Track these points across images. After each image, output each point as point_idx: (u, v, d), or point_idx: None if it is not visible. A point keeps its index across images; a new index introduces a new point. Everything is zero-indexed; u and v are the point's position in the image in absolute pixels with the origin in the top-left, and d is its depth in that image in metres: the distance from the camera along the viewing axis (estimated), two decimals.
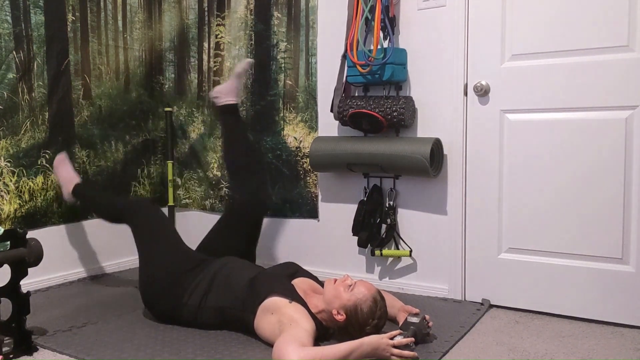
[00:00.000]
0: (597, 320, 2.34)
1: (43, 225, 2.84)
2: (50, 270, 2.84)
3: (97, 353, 2.01)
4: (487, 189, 2.54)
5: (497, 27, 2.48)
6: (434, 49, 2.62)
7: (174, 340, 2.13)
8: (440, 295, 2.67)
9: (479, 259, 2.58)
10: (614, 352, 2.04)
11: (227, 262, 2.33)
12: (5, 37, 2.67)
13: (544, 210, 2.42)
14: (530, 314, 2.46)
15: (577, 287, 2.37)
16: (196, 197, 3.43)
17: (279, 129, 3.09)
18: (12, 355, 2.01)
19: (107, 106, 3.14)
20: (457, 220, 2.61)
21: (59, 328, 2.26)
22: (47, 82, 2.84)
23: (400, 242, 2.75)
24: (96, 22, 3.07)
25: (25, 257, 2.05)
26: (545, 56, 2.39)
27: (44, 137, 2.84)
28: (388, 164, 2.59)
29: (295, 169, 3.06)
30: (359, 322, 1.96)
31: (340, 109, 2.70)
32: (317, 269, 2.91)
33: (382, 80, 2.59)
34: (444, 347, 2.05)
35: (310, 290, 2.17)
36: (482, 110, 2.53)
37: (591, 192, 2.33)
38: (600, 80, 2.29)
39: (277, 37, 3.05)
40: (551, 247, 2.42)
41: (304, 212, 3.05)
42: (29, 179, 2.78)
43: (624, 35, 2.23)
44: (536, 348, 2.08)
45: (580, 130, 2.34)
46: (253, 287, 2.13)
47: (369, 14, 2.61)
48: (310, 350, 1.78)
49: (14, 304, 2.04)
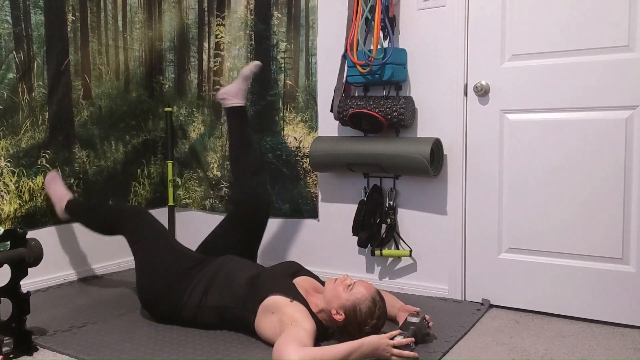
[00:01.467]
0: (597, 320, 2.34)
1: (43, 225, 2.84)
2: (50, 270, 2.85)
3: (97, 353, 2.01)
4: (487, 189, 2.54)
5: (497, 27, 2.48)
6: (434, 49, 2.62)
7: (174, 340, 2.13)
8: (440, 295, 2.67)
9: (479, 259, 2.58)
10: (614, 352, 2.04)
11: (226, 261, 2.33)
12: (5, 37, 2.67)
13: (544, 210, 2.42)
14: (530, 314, 2.46)
15: (577, 287, 2.37)
16: (196, 197, 3.43)
17: (279, 129, 3.09)
18: (12, 355, 2.01)
19: (107, 106, 3.14)
20: (457, 220, 2.61)
21: (59, 328, 2.26)
22: (47, 82, 2.84)
23: (400, 242, 2.75)
24: (96, 22, 3.07)
25: (25, 257, 2.05)
26: (545, 56, 2.39)
27: (44, 137, 2.84)
28: (388, 164, 2.59)
29: (295, 169, 3.06)
30: (358, 322, 1.96)
31: (340, 109, 2.70)
32: (317, 269, 2.91)
33: (382, 80, 2.59)
34: (444, 347, 2.05)
35: (312, 289, 2.17)
36: (482, 110, 2.53)
37: (591, 192, 2.33)
38: (600, 80, 2.29)
39: (277, 37, 3.05)
40: (551, 247, 2.42)
41: (304, 212, 3.05)
42: (29, 179, 2.78)
43: (624, 35, 2.23)
44: (536, 348, 2.08)
45: (580, 130, 2.34)
46: (254, 286, 2.13)
47: (369, 14, 2.61)
48: (311, 350, 1.78)
49: (14, 304, 2.04)
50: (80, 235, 3.02)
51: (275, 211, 3.12)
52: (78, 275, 3.00)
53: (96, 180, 3.08)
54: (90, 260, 3.07)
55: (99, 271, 3.10)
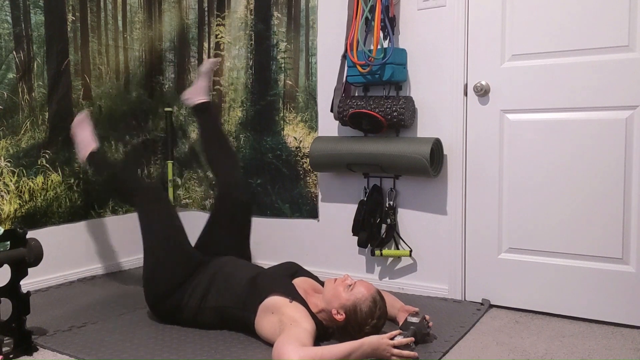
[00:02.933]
0: (597, 320, 2.34)
1: (43, 225, 2.84)
2: (50, 270, 2.84)
3: (97, 353, 2.01)
4: (487, 189, 2.54)
5: (497, 27, 2.48)
6: (434, 49, 2.62)
7: (174, 340, 2.13)
8: (440, 295, 2.67)
9: (479, 259, 2.58)
10: (614, 352, 2.04)
11: (226, 261, 2.33)
12: (5, 37, 2.67)
13: (544, 210, 2.42)
14: (530, 314, 2.46)
15: (577, 287, 2.37)
16: (196, 197, 3.43)
17: (279, 129, 3.09)
18: (12, 355, 2.01)
19: (107, 106, 3.14)
20: (457, 220, 2.61)
21: (59, 328, 2.26)
22: (47, 82, 2.84)
23: (400, 242, 2.75)
24: (96, 22, 3.07)
25: (25, 257, 2.05)
26: (545, 56, 2.39)
27: (44, 137, 2.84)
28: (388, 164, 2.59)
29: (295, 169, 3.06)
30: (358, 322, 1.96)
31: (340, 109, 2.70)
32: (317, 269, 2.92)
33: (382, 80, 2.59)
34: (444, 347, 2.05)
35: (311, 290, 2.17)
36: (482, 110, 2.53)
37: (591, 192, 2.33)
38: (600, 80, 2.29)
39: (277, 37, 3.05)
40: (551, 247, 2.42)
41: (304, 212, 3.05)
42: (29, 179, 2.78)
43: (624, 35, 2.23)
44: (536, 348, 2.08)
45: (580, 130, 2.34)
46: (253, 287, 2.13)
47: (369, 14, 2.61)
48: (310, 350, 1.78)
49: (14, 304, 2.04)
50: (80, 236, 3.02)
51: (275, 211, 3.12)
52: (78, 275, 3.00)
53: (96, 180, 3.08)
54: (91, 260, 3.07)
55: (99, 271, 3.10)
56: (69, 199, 2.95)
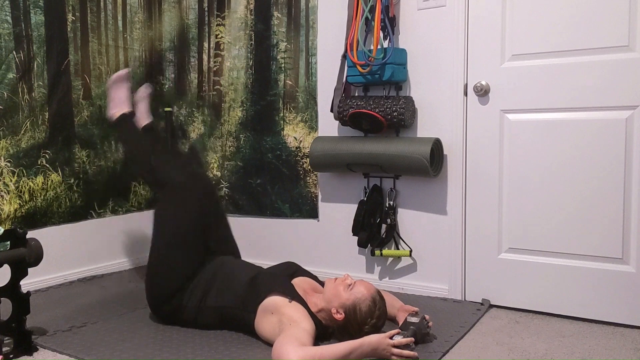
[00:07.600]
0: (597, 320, 2.34)
1: (43, 225, 2.84)
2: (50, 270, 2.84)
3: (97, 353, 2.01)
4: (487, 188, 2.54)
5: (497, 27, 2.48)
6: (434, 49, 2.62)
7: (174, 340, 2.13)
8: (440, 295, 2.67)
9: (479, 259, 2.58)
10: (614, 352, 2.04)
11: (225, 262, 2.33)
12: (5, 37, 2.67)
13: (544, 210, 2.42)
14: (530, 314, 2.46)
15: (577, 287, 2.37)
16: None
17: (279, 129, 3.09)
18: (12, 355, 2.01)
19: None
20: (457, 220, 2.61)
21: (59, 328, 2.26)
22: (47, 82, 2.84)
23: (400, 242, 2.75)
24: (96, 22, 3.07)
25: (25, 257, 2.05)
26: (545, 56, 2.39)
27: (44, 137, 2.84)
28: (388, 164, 2.59)
29: (295, 169, 3.06)
30: (358, 321, 1.96)
31: (340, 109, 2.70)
32: (317, 269, 2.92)
33: (382, 80, 2.59)
34: (444, 347, 2.05)
35: (310, 290, 2.17)
36: (482, 110, 2.53)
37: (591, 192, 2.33)
38: (600, 80, 2.29)
39: (277, 37, 3.05)
40: (551, 247, 2.42)
41: (304, 212, 3.05)
42: (29, 179, 2.78)
43: (624, 35, 2.23)
44: (536, 348, 2.08)
45: (580, 130, 2.34)
46: (253, 287, 2.13)
47: (369, 14, 2.61)
48: (310, 349, 1.78)
49: (14, 304, 2.04)
50: (80, 235, 3.02)
51: (275, 211, 3.12)
52: (78, 275, 3.00)
53: (96, 180, 3.08)
54: (90, 260, 3.07)
55: (99, 271, 3.10)
56: (69, 199, 2.95)
